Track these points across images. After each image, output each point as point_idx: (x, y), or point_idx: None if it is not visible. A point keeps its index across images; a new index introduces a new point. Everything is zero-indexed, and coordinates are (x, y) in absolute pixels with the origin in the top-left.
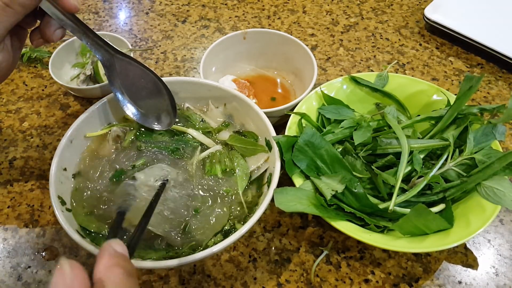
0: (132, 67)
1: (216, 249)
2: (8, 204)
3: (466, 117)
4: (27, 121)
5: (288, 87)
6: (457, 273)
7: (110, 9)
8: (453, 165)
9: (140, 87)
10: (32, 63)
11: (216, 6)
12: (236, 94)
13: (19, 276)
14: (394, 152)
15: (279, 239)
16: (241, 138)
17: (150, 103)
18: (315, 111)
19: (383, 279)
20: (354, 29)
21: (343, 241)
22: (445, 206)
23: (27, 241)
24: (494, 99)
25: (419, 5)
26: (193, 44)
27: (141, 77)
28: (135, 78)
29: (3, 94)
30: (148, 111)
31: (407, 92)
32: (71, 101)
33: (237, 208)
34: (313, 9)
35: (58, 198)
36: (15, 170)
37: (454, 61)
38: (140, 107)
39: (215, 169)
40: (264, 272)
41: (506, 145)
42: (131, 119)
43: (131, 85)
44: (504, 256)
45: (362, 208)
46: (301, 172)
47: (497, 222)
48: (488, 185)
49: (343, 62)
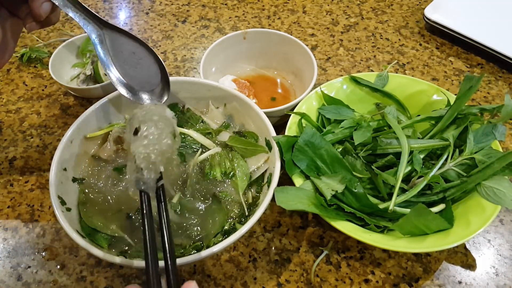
0: (122, 39)
1: (216, 249)
2: (8, 204)
3: (466, 117)
4: (27, 121)
5: (288, 87)
6: (457, 273)
7: (110, 9)
8: (453, 165)
9: (132, 61)
10: (32, 63)
11: (216, 6)
12: (236, 94)
13: (19, 276)
14: (394, 152)
15: (279, 239)
16: (241, 139)
17: (143, 77)
18: (315, 111)
19: (383, 279)
20: (354, 29)
21: (343, 241)
22: (445, 206)
23: (27, 241)
24: (494, 99)
25: (419, 5)
26: (193, 44)
27: (131, 51)
28: (126, 52)
29: (3, 94)
30: (141, 86)
31: (407, 92)
32: (71, 101)
33: (237, 208)
34: (313, 9)
35: (58, 198)
36: (15, 170)
37: (454, 61)
38: (133, 84)
39: (215, 171)
40: (264, 272)
41: (506, 145)
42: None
43: (123, 61)
44: (504, 256)
45: (362, 208)
46: (301, 172)
47: (497, 222)
48: (488, 185)
49: (343, 62)
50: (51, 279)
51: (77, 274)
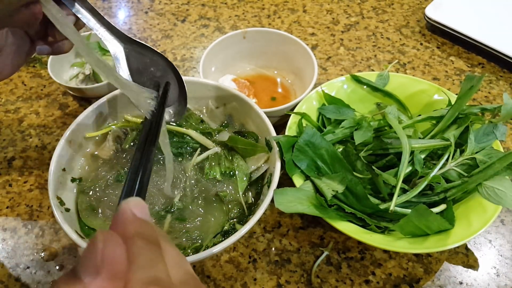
0: (142, 55)
1: (216, 249)
2: (7, 204)
3: (467, 117)
4: (25, 121)
5: (288, 86)
6: (458, 273)
7: (109, 8)
8: (454, 165)
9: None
10: (31, 63)
11: (216, 5)
12: (236, 93)
13: (18, 276)
14: (395, 152)
15: (279, 239)
16: (241, 139)
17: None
18: (316, 111)
19: (384, 279)
20: (354, 28)
21: (344, 241)
22: (446, 206)
23: (26, 242)
24: (495, 98)
25: (420, 4)
26: (193, 44)
27: (151, 66)
28: (145, 68)
29: (1, 94)
30: None
31: (408, 92)
32: (70, 101)
33: (237, 208)
34: (313, 8)
35: (57, 198)
36: (14, 170)
37: (455, 60)
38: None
39: (215, 171)
40: (264, 273)
41: (507, 145)
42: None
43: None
44: (505, 257)
45: (363, 209)
46: (301, 172)
47: (498, 223)
48: (489, 185)
49: (344, 62)
50: (50, 279)
51: None
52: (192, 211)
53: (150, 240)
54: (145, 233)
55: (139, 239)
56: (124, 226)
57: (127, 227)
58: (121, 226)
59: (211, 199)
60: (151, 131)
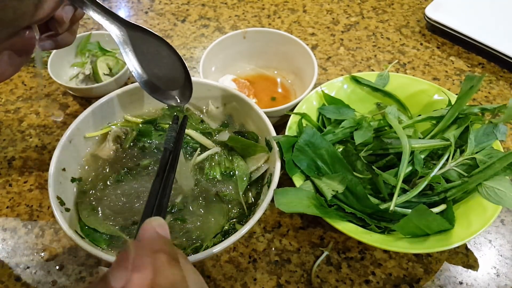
0: (145, 38)
1: (216, 249)
2: (7, 204)
3: (467, 117)
4: (25, 121)
5: (288, 86)
6: (458, 273)
7: (109, 8)
8: (454, 165)
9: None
10: (31, 63)
11: (216, 5)
12: (236, 93)
13: (18, 276)
14: (395, 152)
15: (279, 239)
16: (241, 139)
17: (167, 77)
18: (316, 111)
19: (384, 280)
20: (354, 28)
21: (344, 241)
22: (446, 206)
23: (26, 242)
24: (495, 99)
25: (420, 4)
26: (193, 44)
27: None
28: (149, 51)
29: (1, 94)
30: (166, 85)
31: (408, 92)
32: (70, 101)
33: (237, 208)
34: (313, 8)
35: (57, 198)
36: (14, 170)
37: (455, 60)
38: (158, 83)
39: (215, 171)
40: (264, 273)
41: (507, 145)
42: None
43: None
44: (505, 257)
45: (363, 209)
46: (301, 172)
47: (498, 223)
48: (489, 185)
49: (344, 62)
50: (50, 279)
51: (76, 274)
52: (192, 211)
53: (171, 256)
54: (167, 250)
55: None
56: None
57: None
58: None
59: (211, 199)
60: (172, 160)
